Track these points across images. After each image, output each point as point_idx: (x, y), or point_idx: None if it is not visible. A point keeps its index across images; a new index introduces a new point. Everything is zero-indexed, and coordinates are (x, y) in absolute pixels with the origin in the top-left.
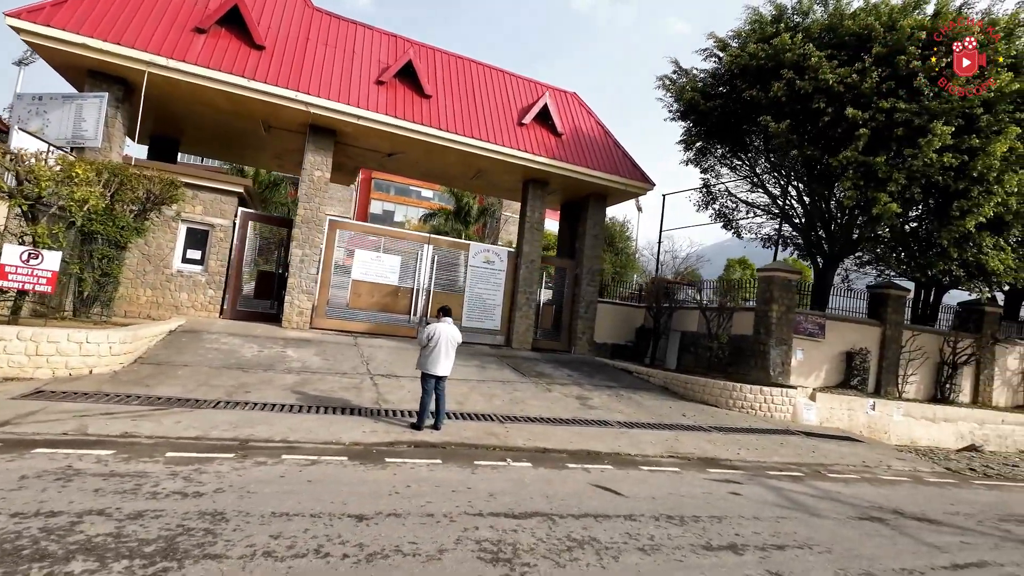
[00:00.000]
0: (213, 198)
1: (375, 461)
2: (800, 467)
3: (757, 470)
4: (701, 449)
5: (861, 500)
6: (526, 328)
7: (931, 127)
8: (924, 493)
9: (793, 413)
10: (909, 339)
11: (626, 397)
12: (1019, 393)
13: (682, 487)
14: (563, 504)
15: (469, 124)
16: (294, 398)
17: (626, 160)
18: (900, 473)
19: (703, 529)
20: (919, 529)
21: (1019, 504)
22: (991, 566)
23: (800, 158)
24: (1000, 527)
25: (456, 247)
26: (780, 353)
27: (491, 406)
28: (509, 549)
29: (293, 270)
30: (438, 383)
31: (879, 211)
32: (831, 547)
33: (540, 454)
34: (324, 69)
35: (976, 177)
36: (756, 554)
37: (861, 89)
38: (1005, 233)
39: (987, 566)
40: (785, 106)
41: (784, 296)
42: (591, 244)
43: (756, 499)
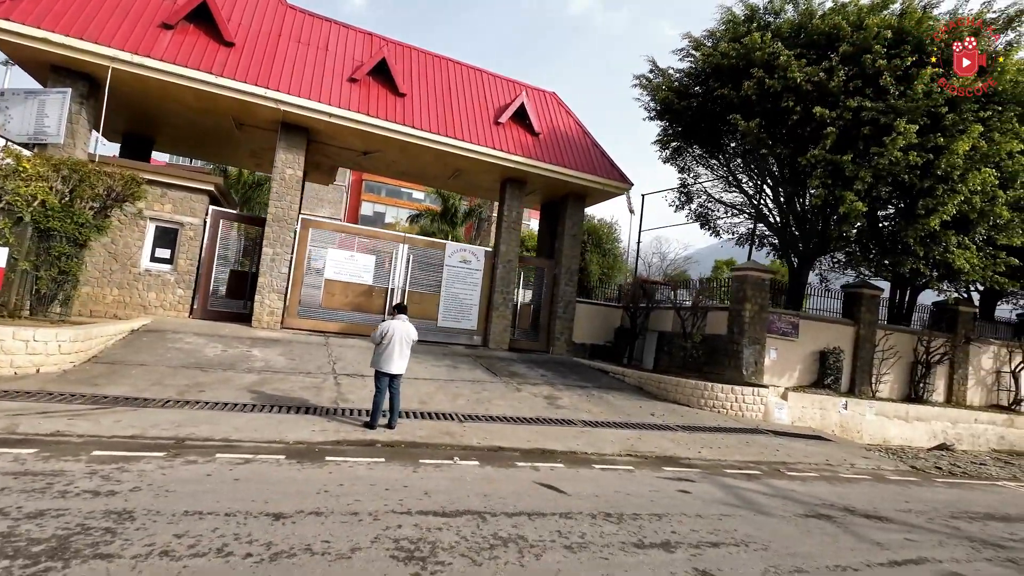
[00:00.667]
0: (183, 196)
1: (315, 460)
2: (760, 465)
3: (715, 468)
4: (662, 448)
5: (814, 498)
6: (503, 328)
7: (895, 125)
8: (881, 491)
9: (765, 412)
10: (882, 338)
11: (597, 397)
12: (993, 392)
13: (631, 485)
14: (500, 502)
15: (444, 123)
16: (249, 397)
17: (604, 160)
18: (861, 471)
19: (640, 527)
20: (865, 526)
21: (975, 502)
22: (929, 562)
23: (771, 157)
24: (950, 524)
25: (432, 246)
26: (753, 352)
27: (455, 405)
28: (427, 548)
29: (264, 269)
30: (392, 381)
31: (845, 209)
32: (769, 544)
33: (492, 453)
34: (296, 66)
35: (940, 175)
36: (688, 552)
37: (828, 88)
38: (972, 232)
39: (925, 562)
40: (756, 105)
41: (757, 295)
42: (570, 244)
43: (704, 497)
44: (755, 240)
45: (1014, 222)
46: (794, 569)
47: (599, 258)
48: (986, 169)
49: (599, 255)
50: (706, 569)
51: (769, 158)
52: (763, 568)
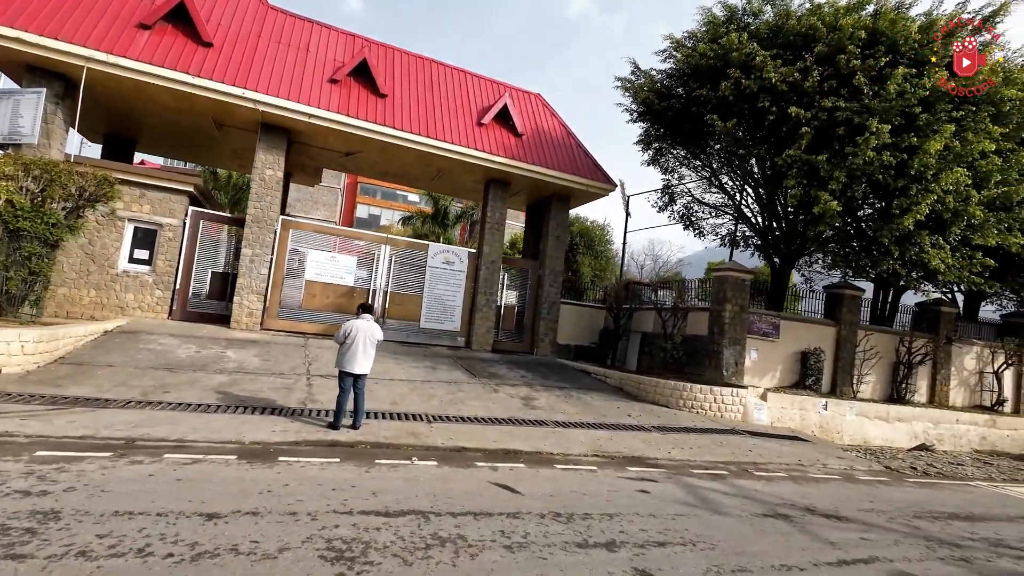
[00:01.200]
0: (162, 197)
1: (267, 460)
2: (729, 466)
3: (681, 469)
4: (631, 448)
5: (776, 497)
6: (486, 329)
7: (867, 125)
8: (848, 491)
9: (744, 413)
10: (864, 339)
11: (575, 398)
12: (976, 393)
13: (590, 485)
14: (448, 502)
15: (426, 123)
16: (215, 398)
17: (588, 161)
18: (833, 471)
19: (588, 527)
20: (822, 526)
21: (943, 502)
22: (879, 562)
23: (748, 157)
24: (911, 523)
25: (414, 247)
26: (733, 353)
27: (427, 406)
28: (360, 547)
29: (243, 270)
30: (357, 381)
31: (820, 209)
32: (717, 544)
33: (455, 453)
34: (275, 67)
35: (914, 175)
36: (631, 551)
37: (803, 88)
38: (947, 232)
39: (875, 562)
40: (733, 105)
41: (737, 296)
42: (554, 245)
43: (663, 497)
44: (736, 240)
45: (989, 222)
46: (738, 568)
47: (591, 260)
48: (958, 169)
49: (591, 257)
50: (646, 568)
51: (748, 158)
52: (705, 568)
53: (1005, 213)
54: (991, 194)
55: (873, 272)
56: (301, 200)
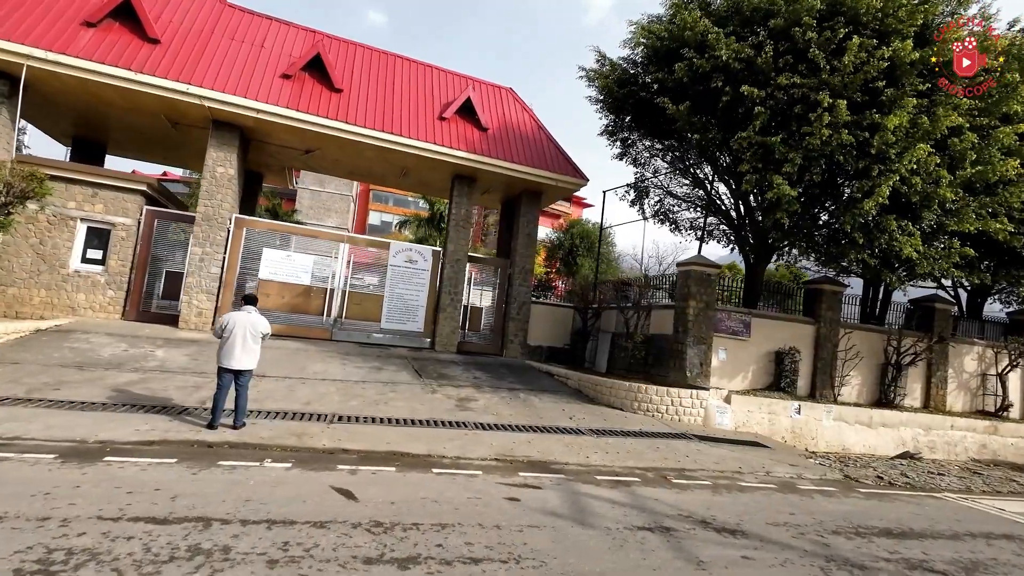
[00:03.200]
0: (115, 196)
1: (88, 460)
2: (647, 472)
3: (586, 475)
4: (546, 452)
5: (675, 508)
6: (451, 330)
7: (819, 100)
8: (772, 502)
9: (705, 417)
10: (844, 336)
11: (522, 400)
12: (979, 397)
13: (452, 491)
14: (255, 508)
15: (383, 118)
16: (106, 397)
17: (559, 155)
18: (771, 480)
19: (401, 539)
20: (705, 541)
21: (883, 515)
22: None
23: (703, 142)
24: (822, 540)
25: (376, 246)
26: (698, 353)
27: (344, 407)
28: (79, 559)
29: (192, 269)
30: (238, 378)
31: (773, 195)
32: (551, 560)
33: (326, 455)
34: (225, 63)
35: (875, 155)
36: (428, 568)
37: (757, 65)
38: (920, 218)
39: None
40: (688, 88)
41: (702, 291)
42: (524, 243)
43: (532, 506)
44: (704, 233)
45: (969, 206)
46: None
47: (591, 262)
48: (921, 146)
49: (591, 259)
50: None
51: (705, 144)
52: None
53: (988, 197)
54: (967, 174)
55: (841, 263)
56: (314, 208)
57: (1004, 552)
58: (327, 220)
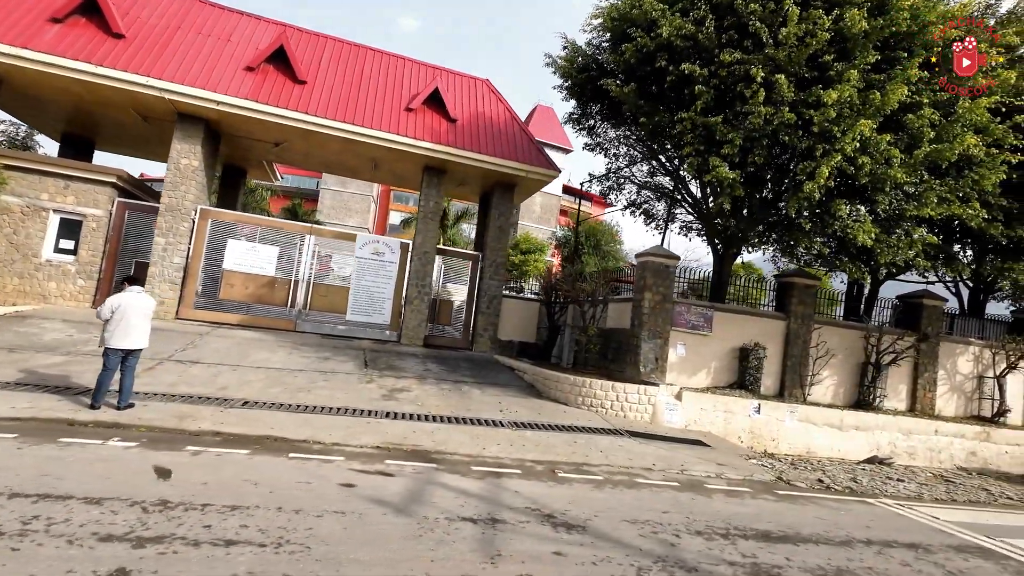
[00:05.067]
0: (86, 188)
1: None
2: (539, 464)
3: (462, 465)
4: (441, 442)
5: (530, 501)
6: (418, 323)
7: (753, 74)
8: (656, 499)
9: (653, 414)
10: (817, 333)
11: (462, 392)
12: (974, 401)
13: (287, 476)
14: (46, 483)
15: (347, 109)
16: (14, 377)
17: (531, 147)
18: (682, 479)
19: (169, 519)
20: (528, 535)
21: (775, 520)
22: None
23: (650, 126)
24: (673, 540)
25: (342, 237)
26: (654, 347)
27: (261, 394)
28: None
29: (155, 259)
30: (126, 359)
31: (711, 178)
32: (319, 546)
33: (189, 436)
34: (189, 56)
35: (818, 133)
36: (165, 546)
37: (700, 41)
38: (874, 202)
39: None
40: (637, 70)
41: (659, 283)
42: (496, 236)
43: (360, 493)
44: (668, 223)
45: (933, 190)
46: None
47: (597, 260)
48: (864, 121)
49: (598, 257)
50: (123, 567)
51: (652, 128)
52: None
53: (956, 180)
54: (921, 154)
55: (797, 253)
56: (335, 208)
57: (886, 561)
58: (348, 220)
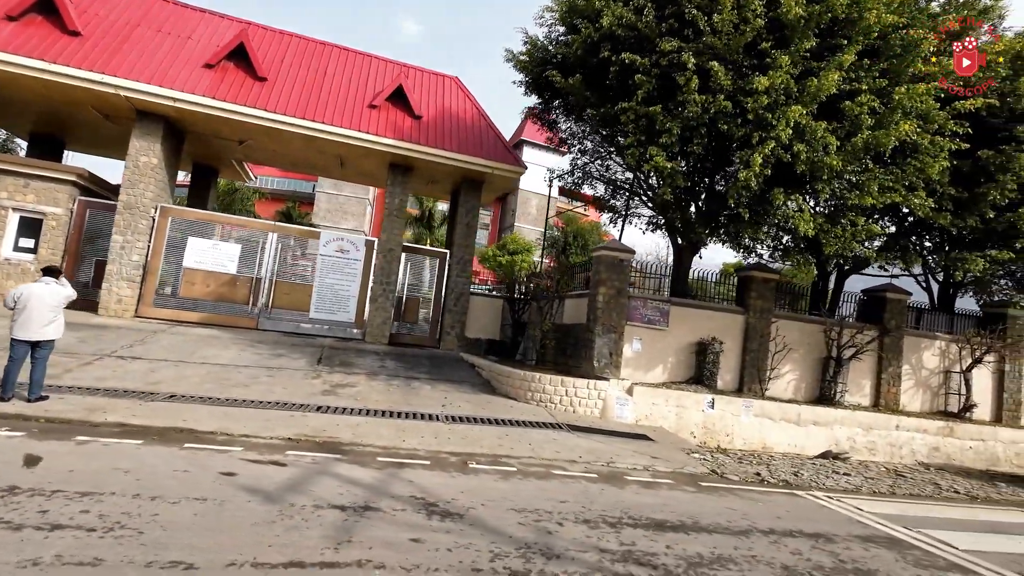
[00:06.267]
0: (46, 187)
1: None
2: (453, 456)
3: (367, 456)
4: (361, 435)
5: (420, 491)
6: (383, 321)
7: (684, 60)
8: (563, 490)
9: (603, 409)
10: (775, 327)
11: (412, 388)
12: (940, 396)
13: (167, 465)
14: None
15: (307, 106)
16: None
17: (499, 144)
18: (604, 471)
19: (4, 504)
20: (396, 523)
21: (685, 510)
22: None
23: (597, 118)
24: (552, 528)
25: (305, 235)
26: (608, 342)
27: (194, 388)
28: None
29: (113, 256)
30: (35, 350)
31: (649, 168)
32: (156, 531)
33: (87, 427)
34: (146, 54)
35: (753, 120)
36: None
37: (640, 30)
38: (816, 192)
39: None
40: (585, 61)
41: (613, 278)
42: (463, 233)
43: (237, 482)
44: (626, 217)
45: (876, 178)
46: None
47: (584, 258)
48: (795, 107)
49: (585, 256)
50: None
51: (593, 117)
52: None
53: (900, 169)
54: (859, 141)
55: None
56: (331, 211)
57: (777, 550)
58: (343, 223)
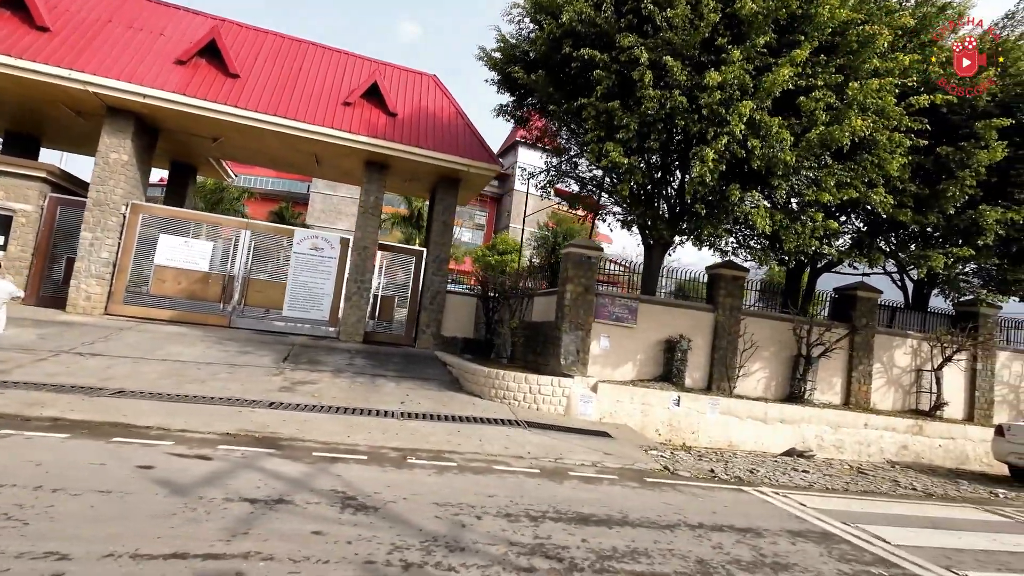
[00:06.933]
0: (15, 183)
1: None
2: (396, 451)
3: (304, 451)
4: (307, 430)
5: (344, 484)
6: (358, 319)
7: (637, 55)
8: (498, 484)
9: (567, 406)
10: (743, 324)
11: (375, 386)
12: (912, 395)
13: (88, 457)
14: None
15: (280, 103)
16: None
17: (475, 142)
18: (550, 467)
19: None
20: (305, 516)
21: (618, 505)
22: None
23: (560, 114)
24: (468, 521)
25: (279, 233)
26: (575, 339)
27: (149, 385)
28: None
29: (82, 253)
30: None
31: (607, 163)
32: (39, 522)
33: (19, 421)
34: (117, 49)
35: (708, 116)
36: None
37: (600, 26)
38: (772, 188)
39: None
40: (549, 56)
41: (581, 275)
42: (439, 231)
43: (151, 476)
44: (597, 214)
45: (834, 174)
46: None
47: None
48: (745, 102)
49: None
50: None
51: (557, 113)
52: None
53: (859, 165)
54: (813, 136)
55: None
56: (326, 211)
57: (697, 544)
58: (338, 223)
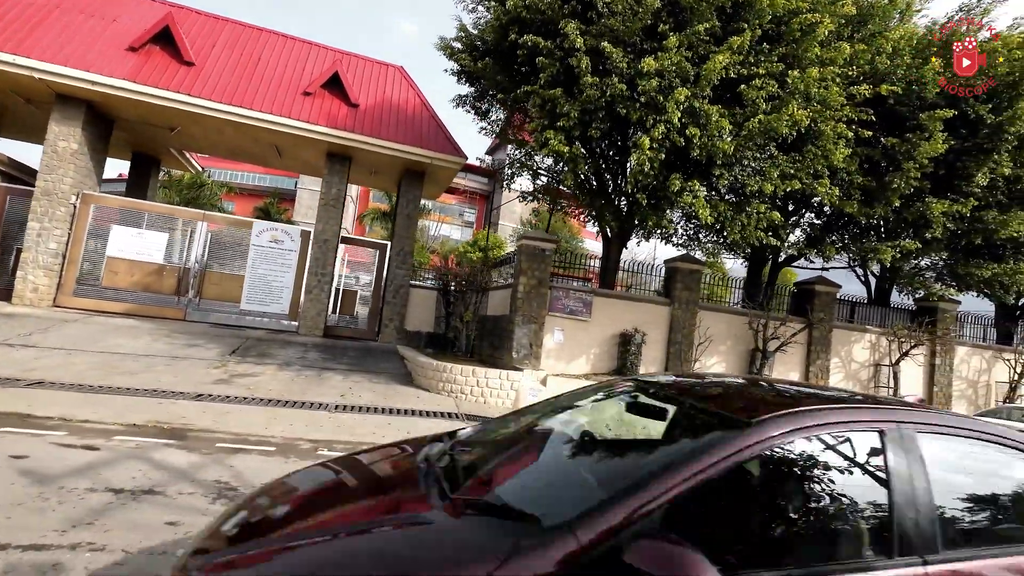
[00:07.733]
0: None
1: None
2: (313, 443)
3: (206, 442)
4: (221, 422)
5: (193, 475)
6: (317, 312)
7: (573, 40)
8: None
9: (516, 399)
10: (699, 318)
11: (320, 379)
12: (870, 390)
13: None
14: None
15: (237, 92)
16: None
17: (440, 134)
18: None
19: None
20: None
21: None
22: None
23: (507, 103)
24: None
25: (237, 225)
26: (527, 333)
27: (76, 376)
28: None
29: (29, 244)
30: None
31: (547, 152)
32: None
33: None
34: (66, 36)
35: (646, 103)
36: None
37: (544, 12)
38: (714, 177)
39: None
40: (498, 44)
41: (534, 268)
42: (403, 224)
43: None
44: (554, 206)
45: (778, 165)
46: None
47: (557, 255)
48: (680, 89)
49: (557, 253)
50: None
51: (505, 102)
52: None
53: (802, 156)
54: (752, 126)
55: (643, 231)
56: (313, 208)
57: None
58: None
